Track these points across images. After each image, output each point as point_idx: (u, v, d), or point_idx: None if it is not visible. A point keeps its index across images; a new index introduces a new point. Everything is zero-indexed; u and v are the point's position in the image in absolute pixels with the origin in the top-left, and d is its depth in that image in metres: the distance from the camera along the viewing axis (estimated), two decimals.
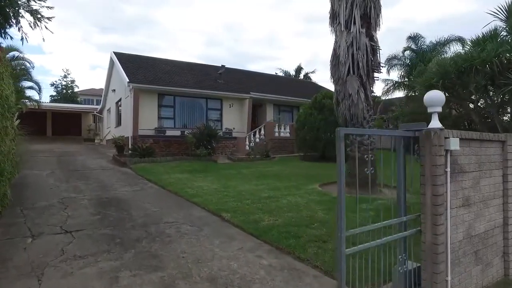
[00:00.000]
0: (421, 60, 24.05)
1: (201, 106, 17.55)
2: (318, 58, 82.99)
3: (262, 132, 16.97)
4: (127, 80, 14.40)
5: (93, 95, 42.99)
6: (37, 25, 5.94)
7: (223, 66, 19.66)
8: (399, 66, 26.04)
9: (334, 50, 8.46)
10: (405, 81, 26.23)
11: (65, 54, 76.36)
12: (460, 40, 22.46)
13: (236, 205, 6.04)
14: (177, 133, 15.85)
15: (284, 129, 17.82)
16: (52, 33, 6.49)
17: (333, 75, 8.51)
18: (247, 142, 16.21)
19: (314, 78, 34.05)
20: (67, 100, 36.21)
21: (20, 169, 9.29)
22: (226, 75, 19.37)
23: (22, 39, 6.05)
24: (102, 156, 13.92)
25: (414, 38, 24.51)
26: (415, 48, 24.85)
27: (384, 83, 26.90)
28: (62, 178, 8.64)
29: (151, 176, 9.16)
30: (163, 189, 7.71)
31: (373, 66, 8.33)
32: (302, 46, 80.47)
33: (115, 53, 18.46)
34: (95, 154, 14.54)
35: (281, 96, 19.77)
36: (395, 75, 26.49)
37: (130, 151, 13.26)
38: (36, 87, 17.08)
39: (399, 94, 27.68)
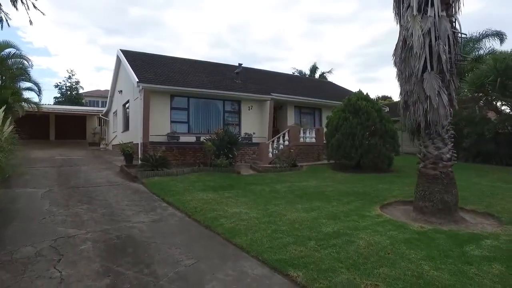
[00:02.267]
0: None
1: (218, 108, 15.84)
2: (323, 59, 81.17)
3: (286, 137, 15.20)
4: (137, 80, 12.73)
5: (98, 96, 41.56)
6: (21, 2, 4.24)
7: (240, 64, 17.97)
8: None
9: (403, 40, 6.62)
10: None
11: (71, 56, 75.44)
12: (498, 34, 20.62)
13: (300, 251, 4.27)
14: (192, 139, 14.15)
15: (310, 133, 16.04)
16: (44, 14, 4.80)
17: (401, 71, 6.69)
18: (270, 149, 14.46)
19: (330, 78, 32.20)
20: (71, 102, 34.79)
21: (11, 187, 7.62)
22: (242, 74, 17.68)
23: (1, 21, 4.36)
24: (108, 166, 12.24)
25: None
26: None
27: None
28: (60, 200, 6.94)
29: (170, 197, 7.43)
30: (189, 218, 5.97)
31: (456, 60, 6.53)
32: (306, 47, 78.99)
33: (122, 51, 16.84)
34: (101, 164, 12.86)
35: (303, 98, 18.02)
36: None
37: (140, 161, 11.57)
38: (36, 88, 15.48)
39: None
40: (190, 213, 6.14)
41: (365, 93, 13.92)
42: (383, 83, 79.62)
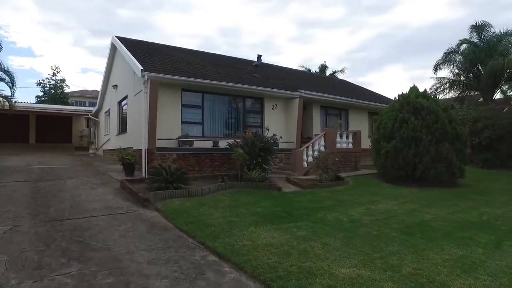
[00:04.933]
0: (487, 54, 20.11)
1: (237, 107, 13.05)
2: (312, 63, 79.40)
3: (322, 142, 12.53)
4: (141, 68, 9.83)
5: (85, 96, 38.09)
6: None
7: (259, 56, 15.26)
8: (448, 63, 22.12)
9: None
10: (460, 79, 22.28)
11: (56, 57, 71.46)
12: None
13: None
14: (208, 144, 11.33)
15: (347, 138, 13.40)
16: None
17: None
18: (305, 157, 11.75)
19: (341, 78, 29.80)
20: (56, 101, 31.28)
21: None
22: (260, 70, 15.00)
23: None
24: (103, 179, 9.25)
25: (478, 27, 20.48)
26: (476, 41, 20.87)
27: (436, 81, 22.96)
28: (30, 252, 4.02)
29: (213, 239, 4.57)
30: None
31: None
32: (296, 51, 77.26)
33: (118, 37, 13.89)
34: (93, 176, 9.85)
35: (332, 96, 15.41)
36: (442, 73, 22.31)
37: (147, 174, 8.70)
38: (7, 78, 12.21)
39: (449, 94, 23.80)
40: (272, 282, 3.33)
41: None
42: (374, 87, 77.46)
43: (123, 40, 13.68)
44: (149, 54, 12.31)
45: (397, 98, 11.40)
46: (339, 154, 12.83)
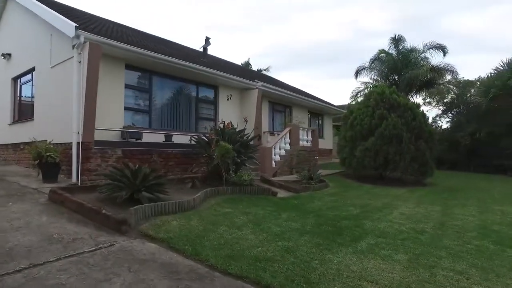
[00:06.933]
0: (403, 64, 22.31)
1: (189, 95, 10.69)
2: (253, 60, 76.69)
3: (288, 139, 11.21)
4: (74, 24, 6.69)
5: None
6: None
7: (207, 38, 13.11)
8: (368, 70, 23.92)
9: None
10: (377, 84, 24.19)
11: None
12: (441, 47, 21.49)
13: None
14: (158, 138, 8.77)
15: (307, 136, 12.41)
16: None
17: None
18: (273, 155, 10.24)
19: None
20: None
21: None
22: (208, 57, 12.95)
23: None
24: (7, 188, 5.85)
25: (397, 40, 22.55)
26: (392, 52, 22.97)
27: (362, 85, 24.47)
28: None
29: None
30: None
31: None
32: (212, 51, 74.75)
33: None
34: None
35: (283, 91, 14.27)
36: (362, 79, 23.99)
37: (105, 178, 5.90)
38: None
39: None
40: None
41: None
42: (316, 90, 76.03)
43: None
44: (75, 17, 8.84)
45: (367, 94, 10.96)
46: (301, 153, 11.80)
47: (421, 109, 11.06)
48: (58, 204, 4.91)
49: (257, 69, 30.47)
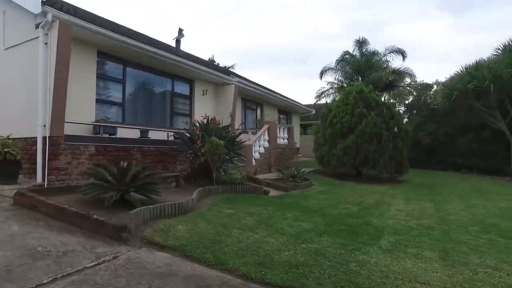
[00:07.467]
0: (366, 65, 23.16)
1: (164, 89, 9.97)
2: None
3: (266, 137, 10.91)
4: None
5: None
6: None
7: (180, 30, 12.39)
8: (331, 71, 24.54)
9: None
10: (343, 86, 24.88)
11: None
12: (400, 51, 22.71)
13: None
14: (134, 134, 8.03)
15: (284, 133, 12.23)
16: None
17: None
18: (253, 153, 9.90)
19: None
20: None
21: None
22: (182, 52, 12.19)
23: None
24: None
25: (361, 43, 23.33)
26: (356, 54, 23.75)
27: (328, 85, 24.94)
28: None
29: None
30: None
31: None
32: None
33: None
34: None
35: (257, 87, 13.95)
36: (327, 79, 24.55)
37: (87, 177, 5.12)
38: None
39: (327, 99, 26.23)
40: None
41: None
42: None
43: None
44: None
45: (346, 90, 11.06)
46: (280, 150, 11.62)
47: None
48: (28, 209, 4.12)
49: (224, 66, 29.90)
